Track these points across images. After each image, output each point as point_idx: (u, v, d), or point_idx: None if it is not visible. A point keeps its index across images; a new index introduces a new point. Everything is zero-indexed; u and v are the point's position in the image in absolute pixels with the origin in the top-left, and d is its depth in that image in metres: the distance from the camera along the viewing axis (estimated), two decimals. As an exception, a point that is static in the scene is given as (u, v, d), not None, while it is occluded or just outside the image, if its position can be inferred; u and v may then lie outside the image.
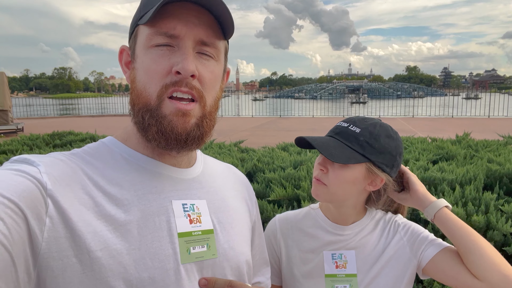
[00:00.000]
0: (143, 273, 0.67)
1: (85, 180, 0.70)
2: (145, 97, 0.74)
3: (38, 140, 4.47)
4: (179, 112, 0.73)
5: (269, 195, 2.31)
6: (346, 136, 1.08)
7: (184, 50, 0.73)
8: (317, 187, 1.11)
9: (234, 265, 0.82)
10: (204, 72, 0.76)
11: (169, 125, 0.73)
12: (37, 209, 0.60)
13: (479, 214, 1.95)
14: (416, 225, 1.19)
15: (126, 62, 0.83)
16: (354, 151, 1.06)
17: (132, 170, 0.77)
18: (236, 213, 0.90)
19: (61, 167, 0.69)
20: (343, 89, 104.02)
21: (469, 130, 4.03)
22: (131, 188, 0.73)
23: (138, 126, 0.77)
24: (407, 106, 25.66)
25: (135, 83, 0.77)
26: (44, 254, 0.59)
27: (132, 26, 0.80)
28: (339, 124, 1.14)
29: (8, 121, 13.94)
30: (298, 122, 18.23)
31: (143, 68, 0.75)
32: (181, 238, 0.74)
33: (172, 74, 0.73)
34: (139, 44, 0.77)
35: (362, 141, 1.06)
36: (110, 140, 0.82)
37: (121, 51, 0.84)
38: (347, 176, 1.07)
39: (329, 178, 1.08)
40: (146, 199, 0.73)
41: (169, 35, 0.73)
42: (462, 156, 2.98)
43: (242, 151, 3.53)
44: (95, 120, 19.43)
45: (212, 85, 0.78)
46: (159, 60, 0.73)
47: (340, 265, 1.14)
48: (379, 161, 1.07)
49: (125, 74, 0.83)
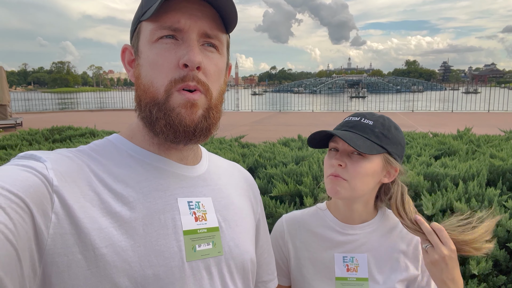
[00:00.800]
0: (147, 270, 0.67)
1: (91, 176, 0.70)
2: (152, 92, 0.74)
3: (38, 135, 4.45)
4: (187, 103, 0.73)
5: (271, 191, 2.30)
6: (361, 128, 1.08)
7: (189, 42, 0.73)
8: (336, 183, 1.08)
9: (239, 263, 0.82)
10: (208, 64, 0.76)
11: (178, 117, 0.73)
12: (43, 205, 0.60)
13: (482, 209, 1.94)
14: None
15: (129, 61, 0.82)
16: (373, 142, 1.06)
17: (138, 167, 0.76)
18: (241, 211, 0.90)
19: (68, 163, 0.69)
20: (342, 83, 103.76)
21: (470, 125, 4.01)
22: (137, 185, 0.73)
23: (145, 121, 0.77)
24: (407, 101, 25.68)
25: (141, 79, 0.77)
26: (49, 250, 0.59)
27: (134, 24, 0.80)
28: (349, 119, 1.13)
29: (7, 115, 13.90)
30: (298, 116, 18.22)
31: (148, 63, 0.75)
32: (186, 235, 0.74)
33: (179, 68, 0.72)
34: (142, 40, 0.76)
35: (377, 132, 1.08)
36: (115, 138, 0.82)
37: (123, 50, 0.84)
38: (368, 168, 1.07)
39: (349, 172, 1.07)
40: (151, 197, 0.73)
41: (173, 29, 0.73)
42: (464, 151, 2.96)
43: (243, 146, 3.52)
44: (94, 115, 19.38)
45: (216, 77, 0.78)
46: (165, 54, 0.73)
47: (352, 268, 1.13)
48: (393, 151, 1.10)
49: (129, 73, 0.82)
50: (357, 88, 62.07)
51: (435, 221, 1.95)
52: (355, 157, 1.07)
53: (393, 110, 21.03)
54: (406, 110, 21.11)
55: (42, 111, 23.68)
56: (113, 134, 0.84)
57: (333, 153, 1.11)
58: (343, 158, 1.08)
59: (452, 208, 2.00)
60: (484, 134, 3.62)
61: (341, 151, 1.09)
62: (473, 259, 1.80)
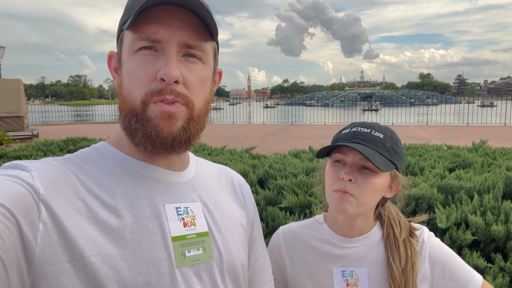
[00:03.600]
0: (137, 278, 0.66)
1: (77, 185, 0.69)
2: (130, 103, 0.74)
3: (52, 146, 4.52)
4: (164, 115, 0.72)
5: (280, 201, 2.28)
6: (373, 142, 1.03)
7: (167, 55, 0.72)
8: (346, 200, 1.01)
9: (230, 268, 0.81)
10: (189, 76, 0.74)
11: (154, 128, 0.73)
12: (30, 215, 0.59)
13: (498, 223, 1.89)
14: (451, 262, 1.06)
15: (115, 68, 0.82)
16: (386, 159, 1.03)
17: (124, 174, 0.76)
18: (231, 215, 0.89)
19: (54, 172, 0.68)
20: (355, 96, 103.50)
21: (485, 138, 3.93)
22: (123, 193, 0.73)
23: (125, 131, 0.77)
24: (421, 114, 25.38)
25: (122, 89, 0.77)
26: (38, 260, 0.59)
27: (118, 32, 0.79)
28: (359, 130, 1.06)
29: (24, 127, 14.22)
30: (310, 129, 18.15)
31: (128, 74, 0.75)
32: (175, 241, 0.74)
33: (157, 80, 0.71)
34: (124, 49, 0.76)
35: (388, 147, 1.04)
36: (102, 145, 0.82)
37: (109, 57, 0.84)
38: (378, 183, 1.03)
39: (360, 188, 1.01)
40: (139, 204, 0.73)
41: (152, 40, 0.71)
42: (480, 164, 2.90)
43: (253, 158, 3.51)
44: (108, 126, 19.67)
45: (199, 88, 0.77)
46: (143, 66, 0.72)
47: (351, 283, 1.08)
48: (400, 166, 1.07)
49: (114, 80, 0.82)
50: (370, 101, 61.74)
51: (450, 234, 1.90)
52: (365, 172, 1.02)
53: (407, 123, 20.80)
54: (420, 123, 20.84)
55: (58, 123, 24.16)
56: (100, 141, 0.83)
57: (340, 166, 1.05)
58: (353, 173, 1.02)
59: (467, 221, 1.95)
60: (501, 147, 3.54)
61: (351, 165, 1.03)
62: (488, 274, 1.74)
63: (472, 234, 1.87)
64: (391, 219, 1.13)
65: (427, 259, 1.07)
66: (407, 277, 1.03)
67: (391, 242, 1.09)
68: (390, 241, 1.09)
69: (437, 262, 1.06)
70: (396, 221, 1.12)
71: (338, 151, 1.06)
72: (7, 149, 4.18)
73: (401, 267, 1.04)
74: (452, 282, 1.03)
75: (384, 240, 1.11)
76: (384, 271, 1.07)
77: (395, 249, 1.07)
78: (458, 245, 1.89)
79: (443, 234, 1.93)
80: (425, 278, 1.06)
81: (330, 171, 1.08)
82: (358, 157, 1.02)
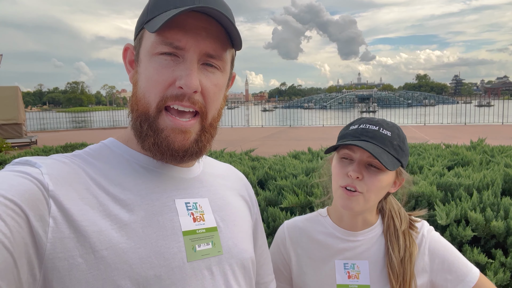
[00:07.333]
0: (149, 271, 0.67)
1: (88, 180, 0.70)
2: (144, 105, 0.75)
3: (51, 152, 4.53)
4: (176, 129, 0.73)
5: (281, 202, 2.28)
6: (381, 140, 1.04)
7: (188, 64, 0.72)
8: (352, 198, 1.04)
9: (240, 262, 0.82)
10: (208, 85, 0.75)
11: (166, 140, 0.74)
12: (40, 210, 0.60)
13: (498, 219, 1.90)
14: (450, 256, 1.08)
15: (130, 61, 0.83)
16: (393, 157, 1.04)
17: (134, 170, 0.77)
18: (238, 211, 0.90)
19: (63, 168, 0.69)
20: (352, 98, 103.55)
21: (483, 137, 3.94)
22: (134, 188, 0.74)
23: (135, 132, 0.77)
24: (418, 115, 25.43)
25: (137, 88, 0.77)
26: (49, 255, 0.59)
27: (138, 28, 0.79)
28: (367, 127, 1.07)
29: (22, 134, 14.20)
30: (308, 131, 18.17)
31: (145, 75, 0.75)
32: (185, 236, 0.74)
33: (174, 87, 0.72)
34: (143, 48, 0.76)
35: (395, 145, 1.05)
36: (111, 142, 0.82)
37: (125, 49, 0.84)
38: (384, 181, 1.05)
39: (367, 185, 1.03)
40: (149, 199, 0.74)
41: (175, 46, 0.72)
42: (478, 161, 2.91)
43: (253, 160, 3.52)
44: (107, 132, 19.64)
45: (216, 97, 0.78)
46: (162, 71, 0.72)
47: (353, 275, 1.10)
48: (405, 163, 1.08)
49: (129, 73, 0.82)
50: (368, 103, 61.82)
51: (450, 231, 1.91)
52: (372, 169, 1.04)
53: (405, 124, 20.84)
54: (418, 124, 20.88)
55: (56, 130, 24.12)
56: (109, 138, 0.84)
57: (347, 163, 1.07)
58: (361, 170, 1.04)
59: (466, 218, 1.95)
60: (499, 145, 3.56)
61: (358, 162, 1.04)
62: (490, 270, 1.75)
63: (472, 230, 1.88)
64: (392, 211, 1.15)
65: (426, 252, 1.09)
66: (405, 267, 1.05)
67: (391, 233, 1.10)
68: (390, 232, 1.11)
69: (436, 255, 1.08)
70: (397, 213, 1.14)
71: (346, 147, 1.08)
72: (6, 156, 4.18)
73: (400, 257, 1.06)
74: (450, 275, 1.05)
75: (384, 232, 1.13)
76: (385, 264, 1.09)
77: (395, 240, 1.09)
78: (458, 242, 1.90)
79: (443, 231, 1.94)
80: (425, 270, 1.08)
81: (337, 166, 1.10)
82: (365, 155, 1.04)
